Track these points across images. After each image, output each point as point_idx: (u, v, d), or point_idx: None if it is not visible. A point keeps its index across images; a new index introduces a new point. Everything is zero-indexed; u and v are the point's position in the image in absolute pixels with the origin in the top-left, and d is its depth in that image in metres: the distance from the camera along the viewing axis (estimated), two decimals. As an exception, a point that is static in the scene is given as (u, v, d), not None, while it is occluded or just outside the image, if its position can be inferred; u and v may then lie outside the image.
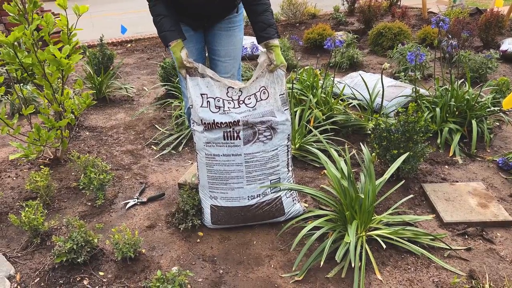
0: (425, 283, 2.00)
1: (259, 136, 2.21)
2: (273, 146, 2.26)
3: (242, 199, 2.30)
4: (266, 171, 2.29)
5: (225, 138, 2.20)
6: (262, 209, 2.32)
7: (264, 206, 2.32)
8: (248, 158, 2.23)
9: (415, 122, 2.57)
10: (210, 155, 2.24)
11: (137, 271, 2.12)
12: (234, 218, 2.35)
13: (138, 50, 6.87)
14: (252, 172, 2.26)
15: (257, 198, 2.31)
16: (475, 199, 2.53)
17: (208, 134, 2.21)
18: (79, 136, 3.57)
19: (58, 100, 2.81)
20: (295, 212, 2.42)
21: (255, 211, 2.32)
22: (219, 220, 2.36)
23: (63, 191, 2.81)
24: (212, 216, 2.36)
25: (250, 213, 2.33)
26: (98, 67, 4.80)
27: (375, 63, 5.40)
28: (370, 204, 2.17)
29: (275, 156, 2.29)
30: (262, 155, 2.25)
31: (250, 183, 2.28)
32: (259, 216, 2.35)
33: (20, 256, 2.25)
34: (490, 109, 3.27)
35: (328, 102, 3.41)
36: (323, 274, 2.07)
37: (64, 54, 2.60)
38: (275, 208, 2.35)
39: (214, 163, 2.26)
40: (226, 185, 2.28)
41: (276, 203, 2.34)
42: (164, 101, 4.06)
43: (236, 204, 2.31)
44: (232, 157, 2.23)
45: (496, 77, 4.66)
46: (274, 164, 2.30)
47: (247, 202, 2.30)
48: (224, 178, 2.27)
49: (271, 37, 2.20)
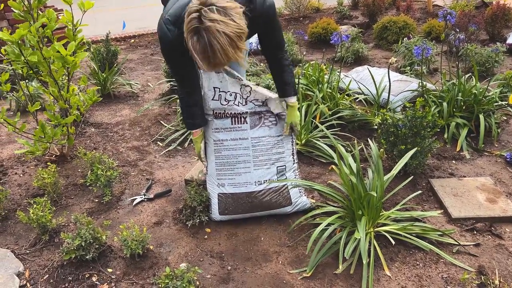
0: (433, 279, 2.00)
1: (265, 121, 2.33)
2: (278, 131, 2.36)
3: (250, 185, 2.32)
4: (272, 156, 2.35)
5: (232, 123, 2.31)
6: (269, 196, 2.34)
7: (271, 193, 2.34)
8: (254, 142, 2.31)
9: (423, 117, 2.55)
10: (219, 141, 2.32)
11: (146, 268, 2.12)
12: (242, 205, 2.35)
13: (142, 46, 6.86)
14: (259, 156, 2.32)
15: (264, 184, 2.33)
16: (483, 194, 2.51)
17: (217, 120, 2.31)
18: (84, 133, 3.57)
19: (64, 97, 2.81)
20: (301, 204, 2.43)
21: (262, 198, 2.33)
22: (227, 209, 2.36)
23: (70, 188, 2.81)
24: (219, 205, 2.36)
25: (257, 200, 2.33)
26: (102, 63, 4.79)
27: (380, 57, 5.37)
28: (378, 200, 2.17)
29: (280, 142, 2.36)
30: (268, 140, 2.33)
31: (257, 168, 2.32)
32: (267, 204, 2.35)
33: (29, 253, 2.26)
34: (498, 104, 3.24)
35: (334, 97, 3.39)
36: (331, 270, 2.07)
37: (69, 51, 2.59)
38: (282, 197, 2.36)
39: (222, 148, 2.33)
40: (234, 171, 2.32)
41: (283, 191, 2.36)
42: (169, 97, 4.05)
43: (243, 190, 2.33)
44: (240, 141, 2.31)
45: (503, 71, 4.62)
46: (280, 150, 2.36)
47: (254, 187, 2.32)
48: (231, 163, 2.32)
49: (287, 96, 2.26)
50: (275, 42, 2.14)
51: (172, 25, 1.83)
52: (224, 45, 1.56)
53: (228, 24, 1.55)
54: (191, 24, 1.57)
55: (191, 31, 1.58)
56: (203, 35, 1.55)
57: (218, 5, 1.56)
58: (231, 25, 1.56)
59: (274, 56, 2.19)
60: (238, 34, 1.59)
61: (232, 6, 1.59)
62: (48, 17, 2.65)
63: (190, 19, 1.57)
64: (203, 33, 1.55)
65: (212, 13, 1.54)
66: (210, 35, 1.55)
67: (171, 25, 1.83)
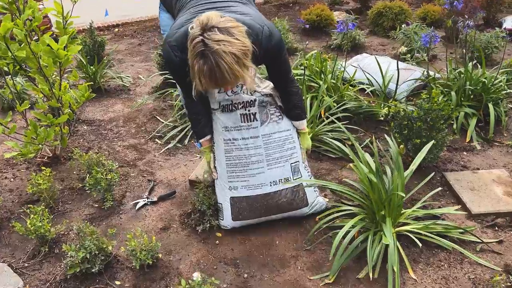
0: (461, 281, 1.92)
1: (271, 116, 2.21)
2: (286, 125, 2.24)
3: (264, 186, 2.19)
4: (285, 153, 2.22)
5: (242, 120, 2.17)
6: (285, 197, 2.21)
7: (287, 194, 2.21)
8: (266, 139, 2.18)
9: (440, 109, 2.45)
10: (229, 140, 2.18)
11: (156, 279, 1.99)
12: (257, 209, 2.21)
13: (128, 35, 6.58)
14: (272, 154, 2.19)
15: (279, 185, 2.20)
16: (501, 188, 2.44)
17: (226, 118, 2.17)
18: (77, 131, 3.37)
19: (56, 95, 2.61)
20: (318, 205, 2.31)
21: (278, 200, 2.20)
22: (241, 214, 2.21)
23: (67, 192, 2.64)
24: (232, 210, 2.21)
25: (273, 202, 2.20)
26: (89, 55, 4.55)
27: (376, 44, 5.25)
28: (399, 199, 2.07)
29: (290, 137, 2.24)
30: (279, 135, 2.21)
31: (271, 167, 2.19)
32: (283, 206, 2.22)
33: (28, 267, 2.10)
34: (506, 91, 3.17)
35: (338, 88, 3.27)
36: (353, 274, 1.98)
37: (61, 45, 2.40)
38: (298, 198, 2.24)
39: (234, 148, 2.19)
40: (247, 172, 2.18)
41: (298, 191, 2.24)
42: (164, 91, 3.86)
43: (258, 191, 2.19)
44: (251, 140, 2.18)
45: (502, 57, 4.56)
46: (291, 145, 2.24)
47: (269, 188, 2.19)
48: (244, 164, 2.18)
49: (295, 119, 2.23)
50: (284, 78, 2.09)
51: (179, 51, 1.78)
52: (231, 64, 1.55)
53: (232, 43, 1.55)
54: (196, 49, 1.55)
55: (197, 55, 1.56)
56: (209, 57, 1.54)
57: (220, 26, 1.55)
58: (235, 43, 1.55)
59: (281, 88, 2.16)
60: (244, 51, 1.58)
61: (234, 25, 1.59)
62: (30, 7, 2.43)
63: (195, 44, 1.56)
64: (209, 55, 1.53)
65: (215, 35, 1.53)
66: (216, 56, 1.53)
67: (177, 51, 1.79)
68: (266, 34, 1.81)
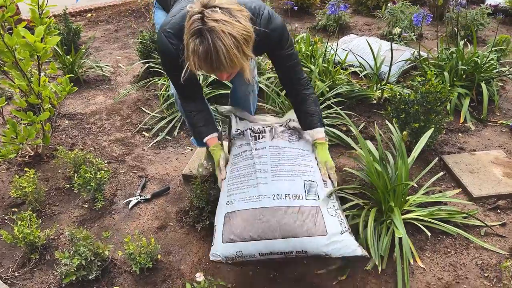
0: (468, 267, 1.90)
1: (284, 135, 1.98)
2: (301, 146, 1.94)
3: (265, 198, 1.69)
4: (297, 168, 1.80)
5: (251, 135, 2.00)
6: (292, 216, 1.64)
7: (295, 213, 1.65)
8: (273, 150, 1.87)
9: (438, 92, 2.40)
10: (238, 154, 1.96)
11: (158, 282, 1.90)
12: (253, 227, 1.65)
13: (102, 21, 6.29)
14: (279, 165, 1.80)
15: (285, 200, 1.67)
16: (500, 169, 2.43)
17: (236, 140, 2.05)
18: (58, 127, 3.19)
19: (35, 90, 2.44)
20: (343, 245, 1.62)
21: (282, 218, 1.64)
22: (233, 233, 1.67)
23: (53, 193, 2.49)
24: (224, 229, 1.71)
25: (276, 219, 1.64)
26: (64, 44, 4.31)
27: (362, 24, 5.17)
28: (404, 186, 2.02)
29: (306, 156, 1.88)
30: (289, 150, 1.89)
31: (276, 179, 1.75)
32: (289, 227, 1.62)
33: (18, 276, 1.98)
34: (498, 70, 3.15)
35: (330, 72, 3.19)
36: (360, 267, 1.93)
37: (38, 37, 2.22)
38: (311, 222, 1.64)
39: (240, 159, 1.93)
40: (248, 182, 1.78)
41: (312, 213, 1.66)
42: (148, 80, 3.69)
43: (255, 205, 1.69)
44: (256, 151, 1.89)
45: (487, 34, 4.56)
46: (306, 162, 1.85)
47: (271, 202, 1.68)
48: (245, 174, 1.82)
49: (312, 127, 1.93)
50: (290, 75, 1.87)
51: (176, 38, 1.61)
52: (229, 46, 1.37)
53: (233, 25, 1.38)
54: (193, 26, 1.38)
55: (193, 34, 1.38)
56: (206, 37, 1.36)
57: (223, 6, 1.39)
58: (236, 26, 1.39)
59: (292, 89, 1.92)
60: (245, 36, 1.41)
61: (238, 8, 1.43)
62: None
63: (192, 21, 1.38)
64: (207, 34, 1.36)
65: (216, 14, 1.37)
66: (214, 35, 1.36)
67: (174, 39, 1.62)
68: (265, 16, 1.65)
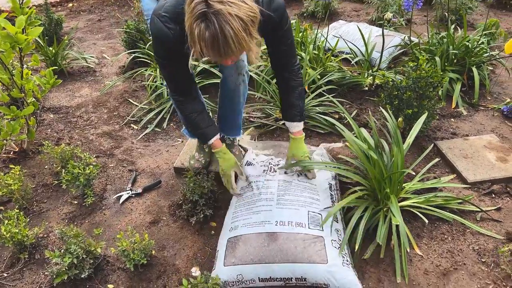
0: (466, 253, 1.90)
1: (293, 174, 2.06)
2: (311, 181, 2.04)
3: (268, 224, 1.78)
4: (303, 199, 1.91)
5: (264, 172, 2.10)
6: (293, 242, 1.70)
7: (297, 239, 1.71)
8: (281, 182, 1.99)
9: (429, 76, 2.37)
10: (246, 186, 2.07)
11: (153, 279, 1.86)
12: (254, 250, 1.72)
13: (85, 11, 6.13)
14: (284, 195, 1.91)
15: (288, 226, 1.75)
16: (493, 153, 2.43)
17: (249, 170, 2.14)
18: (43, 121, 3.09)
19: (18, 84, 2.35)
20: (343, 277, 1.65)
21: (283, 243, 1.70)
22: (234, 257, 1.73)
23: (40, 190, 2.42)
24: (226, 253, 1.77)
25: (277, 244, 1.70)
26: (46, 35, 4.18)
27: (350, 10, 5.12)
28: (400, 174, 2.00)
29: (314, 190, 1.99)
30: (297, 183, 1.99)
31: (281, 206, 1.85)
32: (289, 252, 1.68)
33: (7, 277, 1.91)
34: (489, 54, 3.14)
35: (321, 59, 3.14)
36: (358, 255, 1.91)
37: (19, 28, 2.12)
38: (313, 248, 1.69)
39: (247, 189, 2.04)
40: (252, 210, 1.89)
41: (315, 241, 1.72)
42: (134, 71, 3.60)
43: (259, 230, 1.77)
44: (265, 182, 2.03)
45: (475, 18, 4.55)
46: (314, 196, 1.95)
47: (273, 227, 1.76)
48: (251, 202, 1.94)
49: (290, 119, 1.96)
50: (284, 61, 1.84)
51: (172, 22, 1.51)
52: (238, 30, 1.29)
53: (240, 6, 1.29)
54: (197, 10, 1.27)
55: (197, 18, 1.28)
56: (212, 20, 1.26)
57: None
58: (243, 7, 1.29)
59: (281, 76, 1.90)
60: (251, 17, 1.32)
61: None
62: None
63: (195, 4, 1.28)
64: (212, 18, 1.26)
65: None
66: (221, 18, 1.26)
67: (171, 23, 1.52)
68: None
